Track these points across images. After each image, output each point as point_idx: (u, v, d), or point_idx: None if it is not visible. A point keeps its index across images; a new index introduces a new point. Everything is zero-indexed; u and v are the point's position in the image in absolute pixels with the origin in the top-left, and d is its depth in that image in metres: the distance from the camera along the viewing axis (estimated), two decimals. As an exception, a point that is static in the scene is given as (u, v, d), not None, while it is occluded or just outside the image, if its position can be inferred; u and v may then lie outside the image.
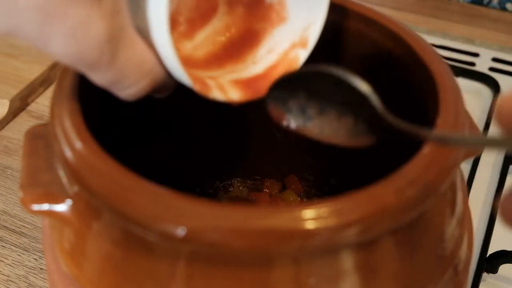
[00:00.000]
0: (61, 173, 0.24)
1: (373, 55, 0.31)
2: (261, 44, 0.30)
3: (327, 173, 0.42)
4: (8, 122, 0.53)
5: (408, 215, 0.21)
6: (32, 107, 0.55)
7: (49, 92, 0.57)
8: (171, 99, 0.37)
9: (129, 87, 0.24)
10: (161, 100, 0.37)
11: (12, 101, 0.53)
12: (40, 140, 0.26)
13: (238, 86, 0.28)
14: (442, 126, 0.24)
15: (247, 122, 0.41)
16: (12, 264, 0.41)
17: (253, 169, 0.43)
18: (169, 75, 0.26)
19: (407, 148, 0.26)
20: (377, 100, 0.25)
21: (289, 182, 0.43)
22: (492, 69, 0.60)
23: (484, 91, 0.57)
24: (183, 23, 0.29)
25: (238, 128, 0.41)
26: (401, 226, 0.22)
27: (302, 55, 0.29)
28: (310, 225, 0.20)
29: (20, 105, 0.54)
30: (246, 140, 0.42)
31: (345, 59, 0.33)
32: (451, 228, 0.25)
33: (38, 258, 0.41)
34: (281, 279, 0.21)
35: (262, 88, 0.28)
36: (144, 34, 0.24)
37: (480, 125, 0.52)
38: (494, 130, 0.52)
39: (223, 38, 0.30)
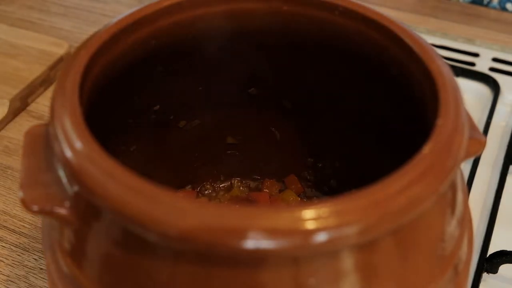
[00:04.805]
0: (61, 173, 0.24)
1: (372, 55, 0.31)
2: None
3: (327, 174, 0.42)
4: (8, 122, 0.53)
5: (408, 215, 0.21)
6: (32, 107, 0.55)
7: (49, 92, 0.57)
8: (172, 99, 0.37)
9: None
10: (161, 100, 0.37)
11: (12, 101, 0.53)
12: (40, 140, 0.26)
13: None
14: (442, 127, 0.24)
15: (247, 122, 0.41)
16: (12, 264, 0.41)
17: (253, 169, 0.43)
18: None
19: (407, 148, 0.26)
20: None
21: (289, 182, 0.43)
22: (492, 69, 0.60)
23: (484, 91, 0.57)
24: None
25: (238, 128, 0.41)
26: (401, 226, 0.22)
27: None
28: (310, 225, 0.20)
29: (20, 105, 0.54)
30: (246, 140, 0.42)
31: (344, 59, 0.33)
32: (451, 228, 0.25)
33: (38, 258, 0.41)
34: (281, 280, 0.21)
35: None
36: None
37: (480, 126, 0.52)
38: (494, 130, 0.52)
39: None
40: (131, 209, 0.21)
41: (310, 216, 0.20)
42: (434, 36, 0.65)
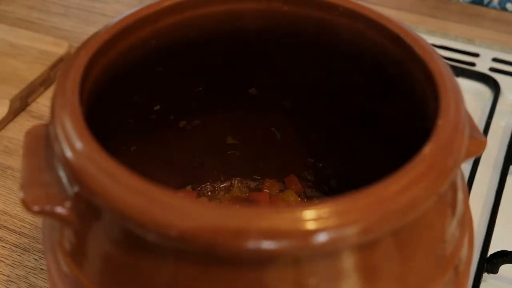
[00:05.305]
0: (62, 173, 0.24)
1: (372, 55, 0.31)
2: None
3: (328, 174, 0.42)
4: (8, 122, 0.53)
5: (409, 215, 0.21)
6: (32, 107, 0.55)
7: (49, 92, 0.57)
8: (172, 99, 0.37)
9: None
10: (161, 100, 0.37)
11: (12, 101, 0.53)
12: (40, 140, 0.26)
13: None
14: (443, 127, 0.24)
15: (247, 122, 0.41)
16: (12, 265, 0.41)
17: (253, 169, 0.43)
18: None
19: (408, 148, 0.26)
20: None
21: (289, 182, 0.43)
22: (492, 69, 0.60)
23: (485, 91, 0.57)
24: None
25: (238, 128, 0.41)
26: (401, 227, 0.22)
27: None
28: (310, 225, 0.20)
29: (20, 105, 0.54)
30: (247, 140, 0.42)
31: (344, 60, 0.33)
32: (451, 228, 0.25)
33: (38, 259, 0.41)
34: (281, 280, 0.21)
35: None
36: None
37: (481, 126, 0.52)
38: (494, 131, 0.52)
39: None
40: (131, 209, 0.21)
41: (311, 217, 0.20)
42: (434, 36, 0.65)
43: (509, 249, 0.40)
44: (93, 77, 0.27)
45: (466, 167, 0.47)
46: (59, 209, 0.23)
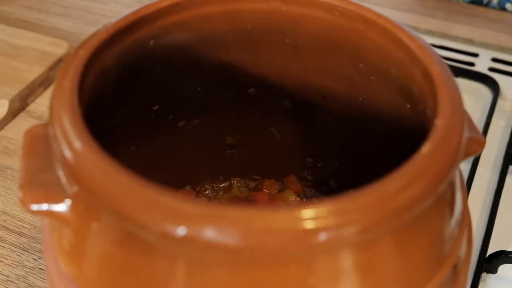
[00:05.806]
0: (61, 173, 0.24)
1: (371, 55, 0.31)
2: None
3: (327, 174, 0.42)
4: (7, 123, 0.53)
5: (407, 215, 0.22)
6: (32, 107, 0.55)
7: (48, 92, 0.57)
8: (171, 99, 0.37)
9: None
10: (160, 100, 0.37)
11: (11, 102, 0.53)
12: (40, 140, 0.26)
13: None
14: (441, 127, 0.24)
15: (247, 122, 0.41)
16: (12, 264, 0.41)
17: (253, 169, 0.43)
18: None
19: (407, 148, 0.26)
20: None
21: (288, 182, 0.43)
22: (491, 69, 0.60)
23: (484, 91, 0.57)
24: None
25: (238, 128, 0.41)
26: (400, 226, 0.22)
27: None
28: (309, 225, 0.20)
29: (19, 105, 0.54)
30: (246, 140, 0.42)
31: (343, 60, 0.33)
32: (450, 228, 0.25)
33: (37, 258, 0.41)
34: (279, 279, 0.21)
35: None
36: None
37: (480, 126, 0.52)
38: (493, 131, 0.52)
39: None
40: (130, 209, 0.21)
41: (309, 216, 0.20)
42: (433, 36, 0.65)
43: (508, 249, 0.40)
44: (91, 77, 0.27)
45: (465, 167, 0.47)
46: (58, 209, 0.23)
